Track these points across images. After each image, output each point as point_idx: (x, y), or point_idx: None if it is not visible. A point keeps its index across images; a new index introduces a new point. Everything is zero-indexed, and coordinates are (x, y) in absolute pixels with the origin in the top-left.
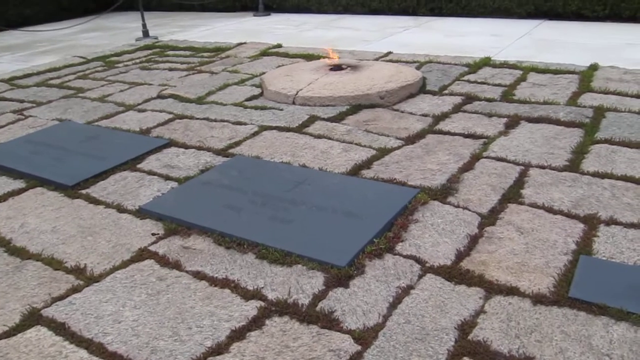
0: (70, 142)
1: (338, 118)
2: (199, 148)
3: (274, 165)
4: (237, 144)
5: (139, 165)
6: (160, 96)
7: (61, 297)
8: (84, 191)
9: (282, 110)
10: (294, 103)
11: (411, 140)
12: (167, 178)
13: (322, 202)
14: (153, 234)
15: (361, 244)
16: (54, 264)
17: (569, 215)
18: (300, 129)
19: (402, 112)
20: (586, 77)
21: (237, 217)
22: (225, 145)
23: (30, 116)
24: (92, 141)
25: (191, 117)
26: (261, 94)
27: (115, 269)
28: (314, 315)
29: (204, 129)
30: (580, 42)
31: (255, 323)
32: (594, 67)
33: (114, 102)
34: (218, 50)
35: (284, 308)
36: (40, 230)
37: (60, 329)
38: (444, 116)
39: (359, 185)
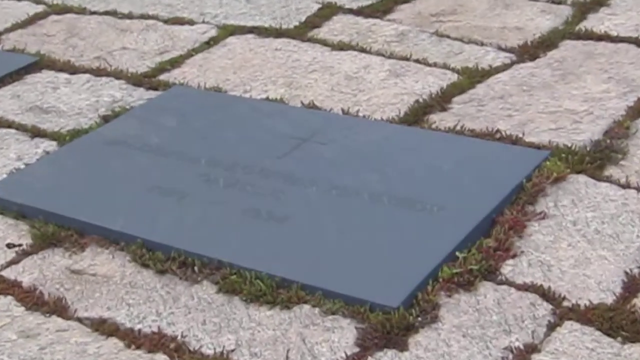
0: None
1: (379, 9)
2: (99, 72)
3: (251, 105)
4: (176, 63)
5: None
6: None
7: None
8: None
9: None
10: None
11: (530, 52)
12: (36, 133)
13: (350, 179)
14: (9, 246)
15: (431, 264)
16: None
17: None
18: (302, 32)
19: None
20: None
21: (179, 210)
22: (151, 65)
23: None
24: None
25: (81, 11)
26: None
27: None
28: None
29: (108, 33)
30: None
31: None
32: None
33: None
34: None
35: None
36: None
37: None
38: (595, 2)
39: (425, 145)
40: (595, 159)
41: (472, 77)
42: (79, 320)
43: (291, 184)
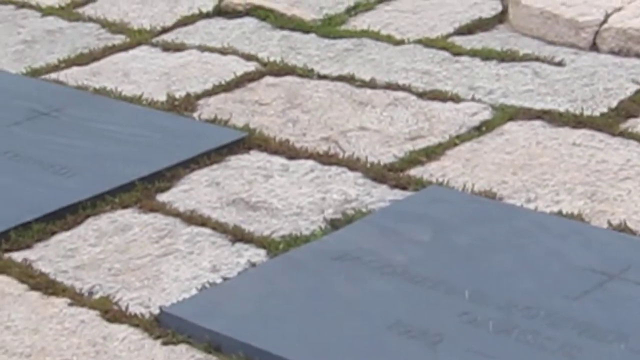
0: None
1: None
2: (327, 159)
3: (536, 220)
4: (433, 153)
5: (160, 197)
6: (217, 11)
7: None
8: (15, 255)
9: (559, 62)
10: (594, 45)
11: None
12: (239, 237)
13: None
14: None
15: None
16: None
17: None
18: (612, 123)
19: None
20: None
21: (431, 359)
22: (399, 155)
23: None
24: (42, 123)
25: (306, 73)
26: (503, 15)
27: None
28: None
29: (341, 107)
30: None
31: None
32: None
33: (98, 19)
34: None
35: None
36: None
37: None
38: None
39: None
40: None
41: None
42: None
43: (590, 338)
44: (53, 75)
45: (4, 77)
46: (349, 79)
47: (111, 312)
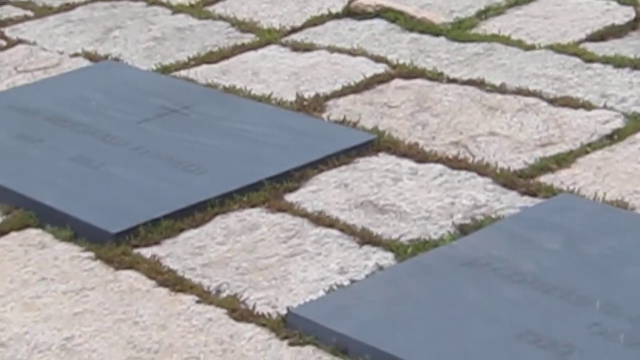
0: (118, 119)
1: None
2: (456, 164)
3: None
4: (564, 161)
5: (288, 197)
6: (346, 12)
7: None
8: (143, 251)
9: None
10: None
11: None
12: (367, 239)
13: None
14: None
15: None
16: None
17: None
18: None
19: None
20: None
21: None
22: (529, 161)
23: (20, 42)
24: (172, 120)
25: (435, 76)
26: (636, 22)
27: None
28: None
29: (470, 111)
30: None
31: None
32: None
33: (228, 18)
34: None
35: None
36: (31, 350)
37: None
38: None
39: None
40: None
41: None
42: None
43: None
44: (183, 73)
45: (135, 73)
46: (479, 84)
47: (238, 311)
